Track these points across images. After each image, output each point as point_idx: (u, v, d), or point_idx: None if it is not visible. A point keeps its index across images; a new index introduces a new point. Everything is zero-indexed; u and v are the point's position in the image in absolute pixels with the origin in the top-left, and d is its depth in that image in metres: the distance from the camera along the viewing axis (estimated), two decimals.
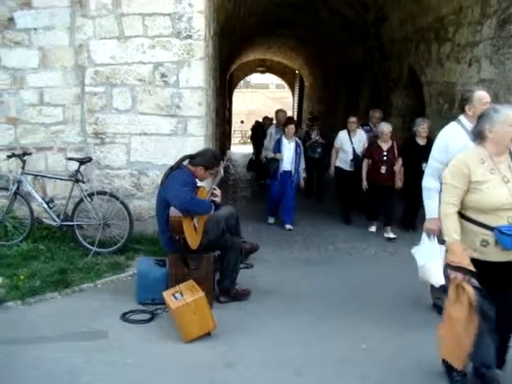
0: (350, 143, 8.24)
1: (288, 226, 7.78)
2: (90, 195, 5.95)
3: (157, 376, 3.50)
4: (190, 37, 5.99)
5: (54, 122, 6.28)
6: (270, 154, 7.84)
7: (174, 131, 6.19)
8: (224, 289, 4.74)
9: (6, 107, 6.26)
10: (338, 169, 8.48)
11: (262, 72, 27.18)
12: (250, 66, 25.38)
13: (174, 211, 4.26)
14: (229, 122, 24.21)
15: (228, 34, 11.54)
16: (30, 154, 6.18)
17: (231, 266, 4.67)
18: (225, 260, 4.69)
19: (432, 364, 3.53)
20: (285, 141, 7.81)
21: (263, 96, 40.93)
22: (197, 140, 6.17)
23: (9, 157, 5.99)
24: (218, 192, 4.73)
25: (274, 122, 10.03)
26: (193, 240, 4.35)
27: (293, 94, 27.70)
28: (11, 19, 6.10)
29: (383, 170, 7.59)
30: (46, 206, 6.04)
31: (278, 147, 7.77)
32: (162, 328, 4.20)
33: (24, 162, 6.04)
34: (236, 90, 29.57)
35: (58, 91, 6.22)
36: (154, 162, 6.24)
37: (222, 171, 5.03)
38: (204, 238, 4.49)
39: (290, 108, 27.99)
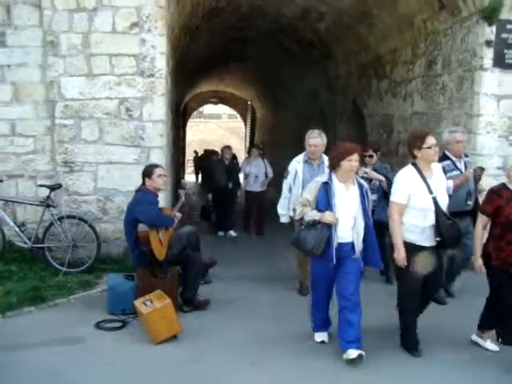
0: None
1: (352, 354, 4.16)
2: (60, 219, 6.43)
3: (133, 372, 4.04)
4: (152, 75, 6.65)
5: (25, 151, 6.77)
6: (311, 214, 4.32)
7: (137, 160, 6.75)
8: (187, 299, 5.32)
9: None
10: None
11: (215, 103, 27.96)
12: (203, 96, 26.04)
13: (141, 227, 4.87)
14: (183, 151, 24.78)
15: (183, 67, 12.23)
16: (1, 180, 6.62)
17: (192, 278, 5.29)
18: (187, 273, 5.30)
19: None
20: (339, 186, 4.36)
21: (216, 126, 41.68)
22: None
23: None
24: (178, 215, 5.50)
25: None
26: (159, 251, 4.98)
27: (245, 124, 28.51)
28: None
29: None
30: (17, 229, 6.48)
31: (324, 200, 4.31)
32: (133, 333, 4.73)
33: None
34: (190, 120, 30.21)
35: (30, 123, 6.73)
36: (119, 189, 6.77)
37: (183, 197, 5.74)
38: (169, 251, 5.09)
39: (243, 138, 28.83)
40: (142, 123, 6.72)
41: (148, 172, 5.28)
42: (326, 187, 4.31)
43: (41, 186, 6.61)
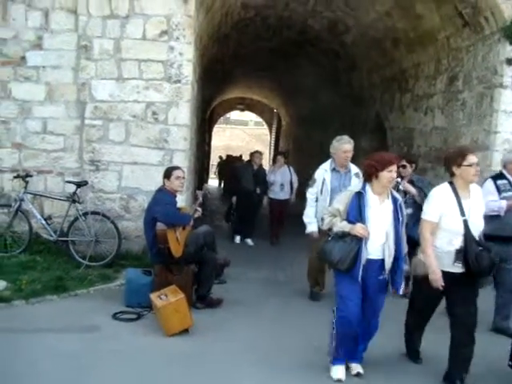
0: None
1: (356, 368, 4.19)
2: (85, 214, 6.74)
3: (145, 360, 4.26)
4: (179, 81, 6.94)
5: (54, 148, 7.11)
6: (340, 224, 4.04)
7: (161, 162, 7.03)
8: (200, 296, 5.56)
9: (13, 134, 7.07)
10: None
11: (242, 110, 28.27)
12: (230, 103, 26.40)
13: (159, 226, 5.14)
14: (208, 156, 25.14)
15: (210, 74, 12.55)
16: (31, 175, 6.97)
17: (207, 277, 5.53)
18: (202, 271, 5.54)
19: None
20: (373, 198, 4.06)
21: (242, 132, 42.05)
22: None
23: (14, 177, 6.77)
24: (198, 209, 5.74)
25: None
26: (176, 249, 5.23)
27: (270, 132, 28.76)
28: (23, 58, 6.97)
29: None
30: (44, 222, 6.81)
31: (356, 211, 4.00)
32: (147, 325, 4.98)
33: (26, 182, 6.83)
34: (216, 126, 30.59)
35: (61, 122, 7.07)
36: (142, 188, 7.06)
37: (201, 198, 6.01)
38: (185, 250, 5.34)
39: (268, 145, 29.05)
40: (166, 127, 7.00)
41: (167, 173, 5.55)
42: (360, 198, 3.99)
43: (68, 182, 6.94)
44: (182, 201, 6.11)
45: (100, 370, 4.03)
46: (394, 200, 4.08)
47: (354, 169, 6.07)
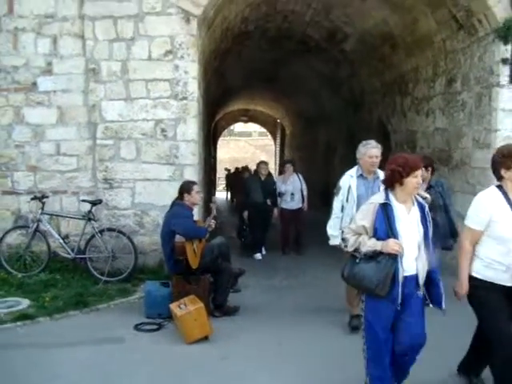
0: None
1: None
2: (101, 232, 6.95)
3: (168, 367, 4.46)
4: (185, 98, 7.18)
5: (68, 169, 7.36)
6: (370, 243, 3.54)
7: (172, 177, 7.26)
8: (218, 305, 5.75)
9: (27, 157, 7.33)
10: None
11: (245, 121, 28.52)
12: (233, 115, 26.62)
13: (177, 238, 5.35)
14: (214, 169, 25.36)
15: (213, 88, 12.81)
16: (47, 196, 7.20)
17: (223, 286, 5.72)
18: (218, 281, 5.73)
19: None
20: (399, 208, 3.61)
21: (246, 144, 42.29)
22: None
23: (31, 199, 7.01)
24: (212, 222, 5.93)
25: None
26: (193, 260, 5.43)
27: (275, 142, 28.99)
28: (34, 83, 7.25)
29: None
30: (61, 241, 7.04)
31: (385, 225, 3.54)
32: (168, 335, 5.18)
33: (43, 203, 7.06)
34: (220, 139, 30.83)
35: (73, 143, 7.33)
36: (155, 204, 7.28)
37: (215, 211, 6.21)
38: (202, 261, 5.54)
39: (273, 155, 29.25)
40: (176, 143, 7.23)
41: (188, 188, 5.79)
42: (386, 210, 3.52)
43: (83, 201, 7.18)
44: (195, 213, 6.30)
45: (127, 378, 4.24)
46: (420, 206, 3.66)
47: (383, 175, 5.01)
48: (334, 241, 5.42)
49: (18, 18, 7.20)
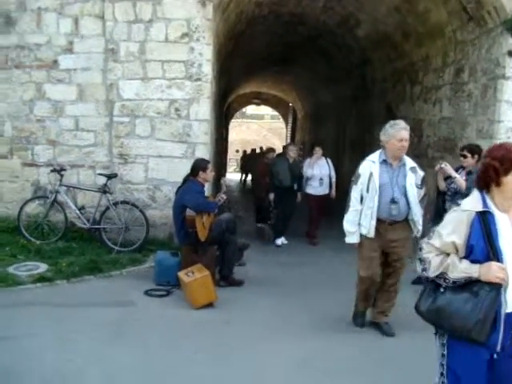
0: None
1: None
2: (115, 204, 7.33)
3: (176, 329, 4.85)
4: (199, 79, 7.49)
5: (86, 144, 7.72)
6: (462, 267, 2.50)
7: (184, 155, 7.59)
8: (223, 275, 6.13)
9: (48, 131, 7.70)
10: None
11: (258, 104, 28.65)
12: (246, 98, 26.73)
13: (189, 212, 5.72)
14: (225, 150, 25.63)
15: (227, 70, 13.06)
16: (65, 169, 7.57)
17: (229, 257, 6.11)
18: (224, 253, 6.11)
19: None
20: (501, 219, 2.53)
21: (258, 126, 42.44)
22: None
23: (51, 171, 7.38)
24: (223, 196, 6.31)
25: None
26: (202, 233, 5.80)
27: (286, 125, 29.13)
28: (56, 61, 7.58)
29: None
30: (78, 212, 7.42)
31: (483, 243, 2.48)
32: (176, 300, 5.56)
33: (61, 176, 7.44)
34: (232, 120, 31.04)
35: (91, 120, 7.67)
36: (167, 179, 7.63)
37: (225, 187, 6.60)
38: (210, 234, 5.91)
39: (284, 138, 29.44)
40: (189, 122, 7.56)
41: (204, 166, 6.16)
42: (486, 221, 2.50)
43: (99, 174, 7.54)
44: (206, 189, 6.65)
45: (137, 335, 4.63)
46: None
47: (410, 162, 4.83)
48: (351, 238, 4.82)
49: None
